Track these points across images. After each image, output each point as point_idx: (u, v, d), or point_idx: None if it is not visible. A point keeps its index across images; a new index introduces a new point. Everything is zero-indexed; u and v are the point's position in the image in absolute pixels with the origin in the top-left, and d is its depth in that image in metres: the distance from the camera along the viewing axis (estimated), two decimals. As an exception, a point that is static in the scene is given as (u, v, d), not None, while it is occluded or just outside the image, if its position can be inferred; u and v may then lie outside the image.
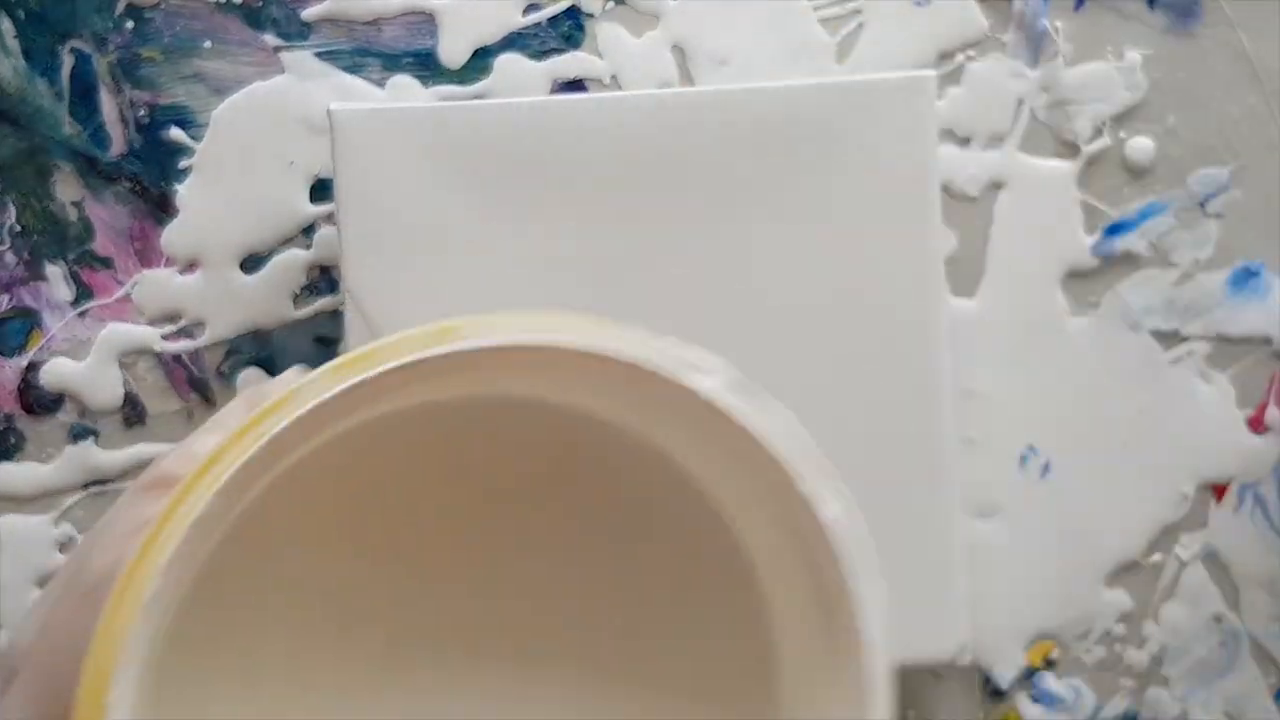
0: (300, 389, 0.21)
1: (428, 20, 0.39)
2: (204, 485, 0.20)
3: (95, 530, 0.25)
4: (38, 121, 0.38)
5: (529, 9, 0.39)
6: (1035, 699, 0.40)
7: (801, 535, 0.22)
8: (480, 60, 0.39)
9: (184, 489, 0.20)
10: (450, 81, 0.39)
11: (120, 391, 0.38)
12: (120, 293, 0.39)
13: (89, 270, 0.38)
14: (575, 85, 0.39)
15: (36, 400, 0.38)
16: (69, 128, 0.38)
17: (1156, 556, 0.40)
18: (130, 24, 0.38)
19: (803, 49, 0.39)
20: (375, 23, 0.39)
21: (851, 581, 0.21)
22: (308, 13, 0.39)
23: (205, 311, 0.39)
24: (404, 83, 0.39)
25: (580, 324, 0.23)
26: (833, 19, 0.39)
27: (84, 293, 0.38)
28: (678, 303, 0.36)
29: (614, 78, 0.39)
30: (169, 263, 0.39)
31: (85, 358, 0.38)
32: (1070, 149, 0.40)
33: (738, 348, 0.36)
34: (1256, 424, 0.40)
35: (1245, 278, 0.40)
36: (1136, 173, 0.40)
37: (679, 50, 0.39)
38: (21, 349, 0.38)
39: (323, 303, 0.39)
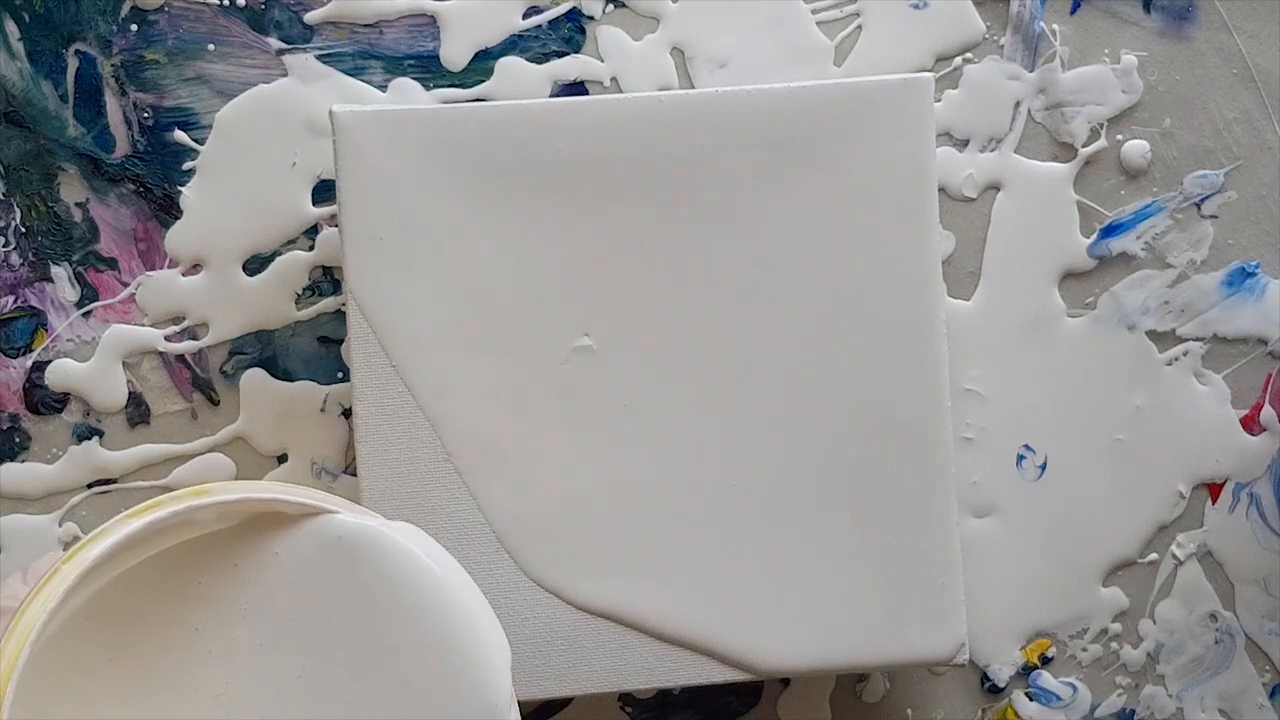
0: (106, 529, 0.30)
1: (429, 23, 0.39)
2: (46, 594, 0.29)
3: None
4: (43, 124, 0.39)
5: (530, 12, 0.39)
6: (1032, 696, 0.40)
7: None
8: (481, 63, 0.39)
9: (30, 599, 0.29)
10: (452, 84, 0.39)
11: (124, 392, 0.39)
12: (124, 293, 0.39)
13: (93, 271, 0.39)
14: (576, 87, 0.39)
15: (42, 400, 0.39)
16: (74, 130, 0.39)
17: (1152, 555, 0.40)
18: (134, 27, 0.39)
19: (801, 52, 0.39)
20: (377, 26, 0.39)
21: (481, 632, 0.31)
22: (310, 16, 0.39)
23: (209, 312, 0.39)
24: (406, 85, 0.39)
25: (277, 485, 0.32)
26: (831, 22, 0.40)
27: (89, 293, 0.39)
28: (677, 302, 0.36)
29: (614, 80, 0.39)
30: (173, 264, 0.39)
31: (90, 358, 0.39)
32: (1067, 151, 0.40)
33: (736, 347, 0.36)
34: (1251, 424, 0.40)
35: (1241, 278, 0.40)
36: (1132, 174, 0.40)
37: (678, 53, 0.39)
38: (27, 349, 0.38)
39: (325, 303, 0.39)
